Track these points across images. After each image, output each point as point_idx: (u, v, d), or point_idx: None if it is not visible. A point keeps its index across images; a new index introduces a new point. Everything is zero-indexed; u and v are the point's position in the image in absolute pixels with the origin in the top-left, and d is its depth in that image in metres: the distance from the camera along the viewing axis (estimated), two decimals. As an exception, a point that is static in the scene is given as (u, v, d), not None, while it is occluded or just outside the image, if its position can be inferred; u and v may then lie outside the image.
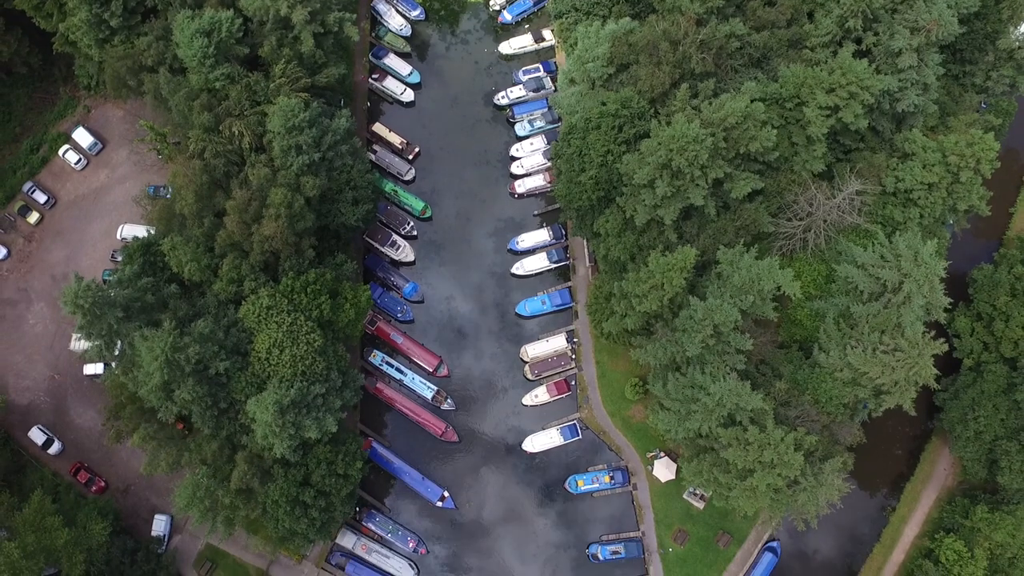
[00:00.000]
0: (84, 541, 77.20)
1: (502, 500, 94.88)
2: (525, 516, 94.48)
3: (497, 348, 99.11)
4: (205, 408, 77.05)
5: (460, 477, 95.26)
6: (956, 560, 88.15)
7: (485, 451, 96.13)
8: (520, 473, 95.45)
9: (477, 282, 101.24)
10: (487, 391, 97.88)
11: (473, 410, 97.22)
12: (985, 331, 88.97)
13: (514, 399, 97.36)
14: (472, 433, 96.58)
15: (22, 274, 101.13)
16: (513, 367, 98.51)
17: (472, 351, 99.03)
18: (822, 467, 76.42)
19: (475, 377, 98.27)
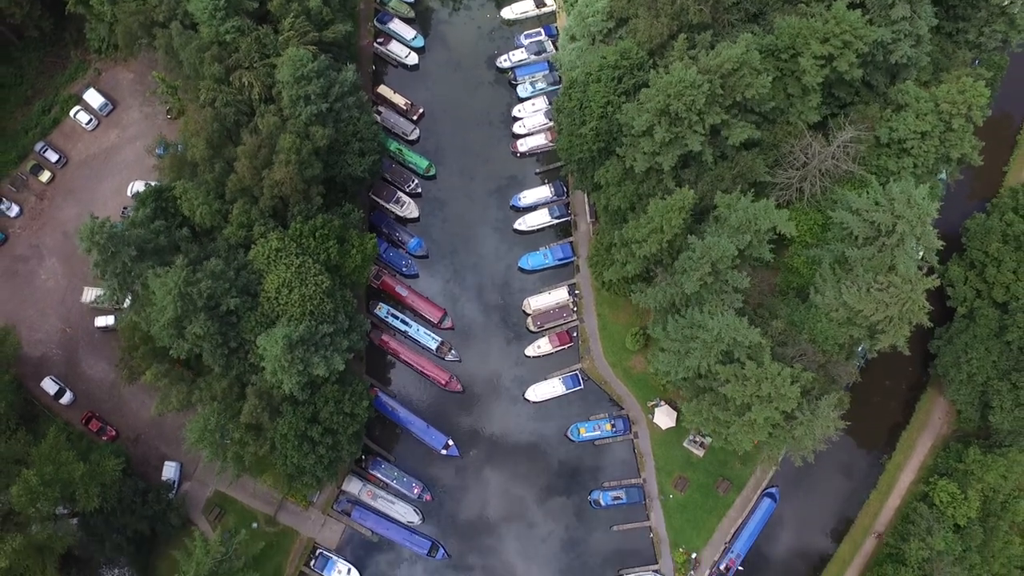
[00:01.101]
0: (98, 476, 78.99)
1: (505, 448, 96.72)
2: (528, 463, 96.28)
3: (500, 301, 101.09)
4: (215, 346, 79.03)
5: (464, 426, 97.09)
6: (950, 502, 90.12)
7: (489, 400, 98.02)
8: (523, 421, 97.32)
9: (480, 237, 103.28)
10: (490, 343, 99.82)
11: (477, 361, 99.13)
12: (978, 279, 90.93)
13: (517, 350, 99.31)
14: (476, 383, 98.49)
15: (34, 231, 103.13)
16: (516, 319, 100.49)
17: (476, 304, 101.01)
18: (818, 402, 78.25)
19: (479, 329, 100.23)
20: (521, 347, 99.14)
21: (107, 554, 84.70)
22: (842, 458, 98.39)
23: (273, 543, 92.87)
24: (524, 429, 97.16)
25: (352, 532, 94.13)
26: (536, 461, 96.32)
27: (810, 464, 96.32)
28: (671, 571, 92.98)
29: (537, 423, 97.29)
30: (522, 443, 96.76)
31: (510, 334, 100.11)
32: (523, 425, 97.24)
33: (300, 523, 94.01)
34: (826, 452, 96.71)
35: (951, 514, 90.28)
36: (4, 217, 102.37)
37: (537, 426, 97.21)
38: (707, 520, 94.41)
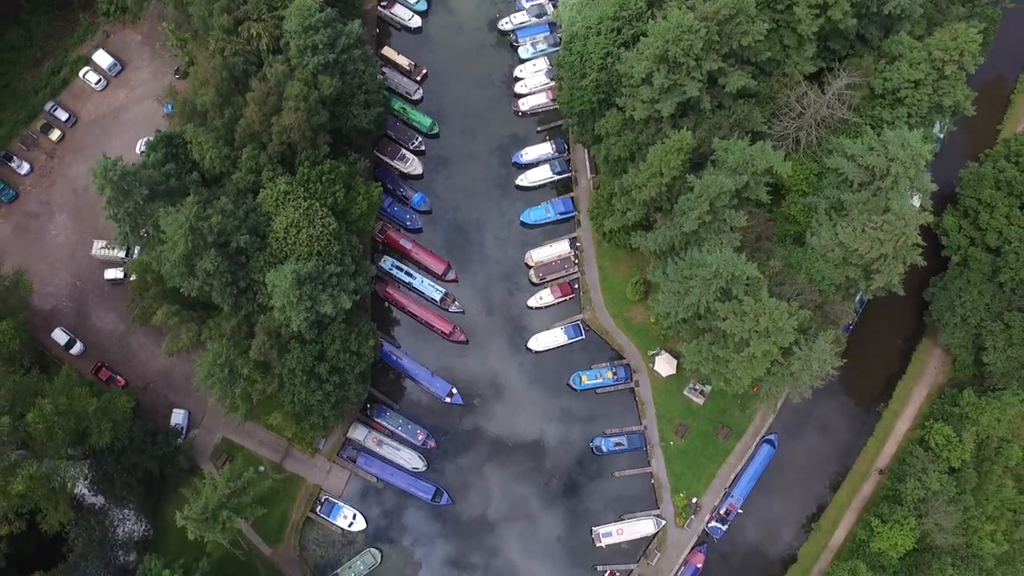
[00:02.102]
0: (110, 412, 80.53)
1: (509, 396, 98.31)
2: (531, 411, 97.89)
3: (503, 255, 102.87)
4: (225, 285, 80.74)
5: (467, 375, 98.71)
6: (945, 444, 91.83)
7: (492, 350, 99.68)
8: (526, 370, 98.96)
9: (483, 193, 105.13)
10: (493, 294, 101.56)
11: (480, 312, 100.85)
12: (971, 227, 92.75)
13: (519, 302, 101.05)
14: (479, 334, 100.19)
15: (44, 188, 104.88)
16: (518, 272, 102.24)
17: (479, 257, 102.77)
18: (815, 339, 79.93)
19: (482, 281, 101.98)
20: (523, 298, 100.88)
21: (117, 494, 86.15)
22: (839, 407, 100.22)
23: (279, 489, 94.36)
24: (527, 378, 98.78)
25: (357, 479, 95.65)
26: (538, 409, 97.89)
27: (808, 413, 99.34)
28: (672, 516, 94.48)
29: (539, 372, 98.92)
30: (525, 392, 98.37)
31: (512, 286, 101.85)
32: (526, 374, 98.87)
33: (306, 470, 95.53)
34: (824, 401, 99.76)
35: (946, 457, 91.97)
36: (15, 174, 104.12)
37: (539, 375, 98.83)
38: (707, 466, 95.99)
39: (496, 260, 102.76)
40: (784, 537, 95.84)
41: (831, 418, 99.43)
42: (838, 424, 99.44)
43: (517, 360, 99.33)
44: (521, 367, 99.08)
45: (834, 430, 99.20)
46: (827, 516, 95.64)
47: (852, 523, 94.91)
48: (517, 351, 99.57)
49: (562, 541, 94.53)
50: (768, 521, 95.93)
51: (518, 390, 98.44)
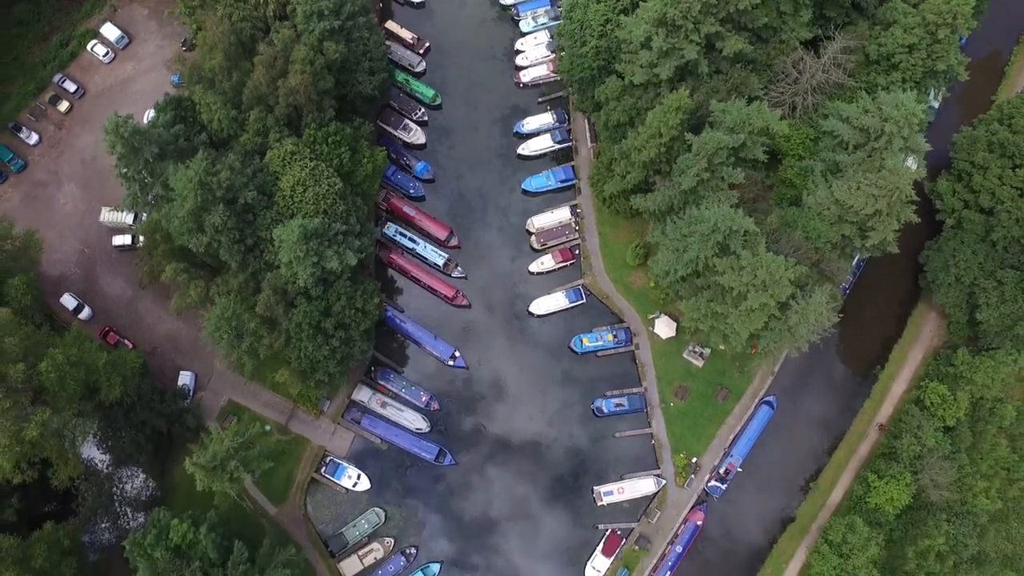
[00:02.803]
0: (120, 367, 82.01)
1: (511, 359, 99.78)
2: (533, 374, 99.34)
3: (505, 222, 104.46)
4: (233, 242, 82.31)
5: (470, 338, 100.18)
6: (940, 403, 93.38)
7: (494, 314, 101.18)
8: (528, 334, 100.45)
9: (485, 162, 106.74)
10: (495, 260, 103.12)
11: (482, 277, 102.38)
12: (965, 190, 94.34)
13: (521, 267, 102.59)
14: (481, 298, 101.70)
15: (53, 158, 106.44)
16: (520, 239, 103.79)
17: (481, 224, 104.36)
18: (812, 292, 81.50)
19: (484, 248, 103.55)
20: (525, 264, 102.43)
21: (126, 451, 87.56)
22: (837, 370, 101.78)
23: (285, 451, 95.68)
24: (528, 341, 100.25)
25: (362, 440, 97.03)
26: (540, 372, 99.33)
27: (806, 376, 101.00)
28: (672, 475, 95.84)
29: (541, 335, 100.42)
30: (526, 354, 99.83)
31: (514, 252, 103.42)
32: (527, 337, 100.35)
33: (311, 431, 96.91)
34: (821, 364, 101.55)
35: (941, 415, 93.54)
36: (24, 145, 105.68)
37: (541, 338, 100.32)
38: (707, 427, 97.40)
39: (498, 227, 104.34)
40: (783, 496, 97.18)
41: (828, 381, 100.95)
42: (835, 386, 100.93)
43: (519, 324, 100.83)
44: (523, 331, 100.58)
45: (831, 392, 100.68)
46: (825, 476, 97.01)
47: (849, 482, 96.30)
48: (519, 315, 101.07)
49: (564, 501, 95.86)
50: (767, 481, 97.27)
51: (520, 353, 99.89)
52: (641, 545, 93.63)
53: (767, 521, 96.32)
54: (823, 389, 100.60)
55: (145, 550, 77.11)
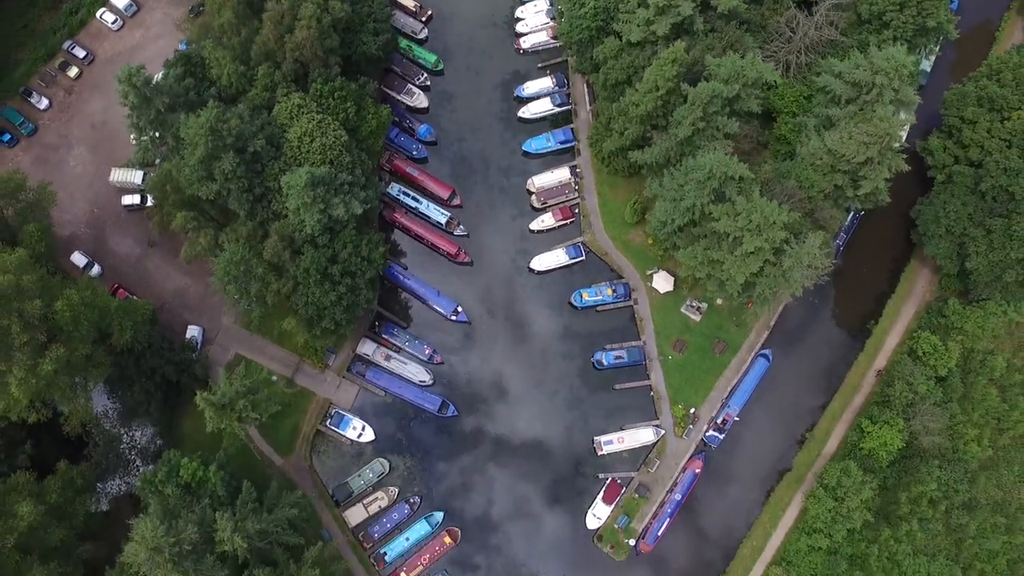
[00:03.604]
0: (131, 313, 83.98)
1: (512, 314, 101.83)
2: (534, 328, 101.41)
3: (506, 182, 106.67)
4: (242, 191, 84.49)
5: (472, 295, 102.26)
6: (932, 352, 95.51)
7: (496, 271, 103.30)
8: (529, 290, 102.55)
9: (486, 126, 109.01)
10: (497, 219, 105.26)
11: (484, 235, 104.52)
12: (955, 146, 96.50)
13: (522, 225, 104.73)
14: (483, 255, 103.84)
15: (63, 122, 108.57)
16: (521, 198, 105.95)
17: (482, 185, 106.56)
18: (805, 238, 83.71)
19: (485, 207, 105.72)
20: (526, 223, 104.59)
21: (136, 399, 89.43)
22: (831, 325, 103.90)
23: (291, 403, 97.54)
24: (529, 297, 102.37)
25: (366, 393, 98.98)
26: (541, 326, 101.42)
27: (802, 330, 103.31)
28: (671, 426, 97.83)
29: (541, 291, 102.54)
30: (527, 309, 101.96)
31: (515, 212, 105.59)
32: (528, 293, 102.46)
33: (316, 385, 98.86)
34: (816, 319, 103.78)
35: (933, 364, 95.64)
36: (35, 109, 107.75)
37: (542, 294, 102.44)
38: (704, 379, 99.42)
39: (499, 187, 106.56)
40: (779, 446, 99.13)
41: (823, 335, 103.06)
42: (830, 340, 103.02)
43: (520, 280, 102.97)
44: (524, 287, 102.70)
45: (826, 346, 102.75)
46: (820, 426, 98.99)
47: (844, 432, 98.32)
48: (520, 272, 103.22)
49: (564, 450, 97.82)
50: (763, 432, 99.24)
51: (521, 308, 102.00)
52: (641, 493, 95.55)
53: (764, 470, 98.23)
54: (818, 343, 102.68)
55: (156, 487, 79.03)
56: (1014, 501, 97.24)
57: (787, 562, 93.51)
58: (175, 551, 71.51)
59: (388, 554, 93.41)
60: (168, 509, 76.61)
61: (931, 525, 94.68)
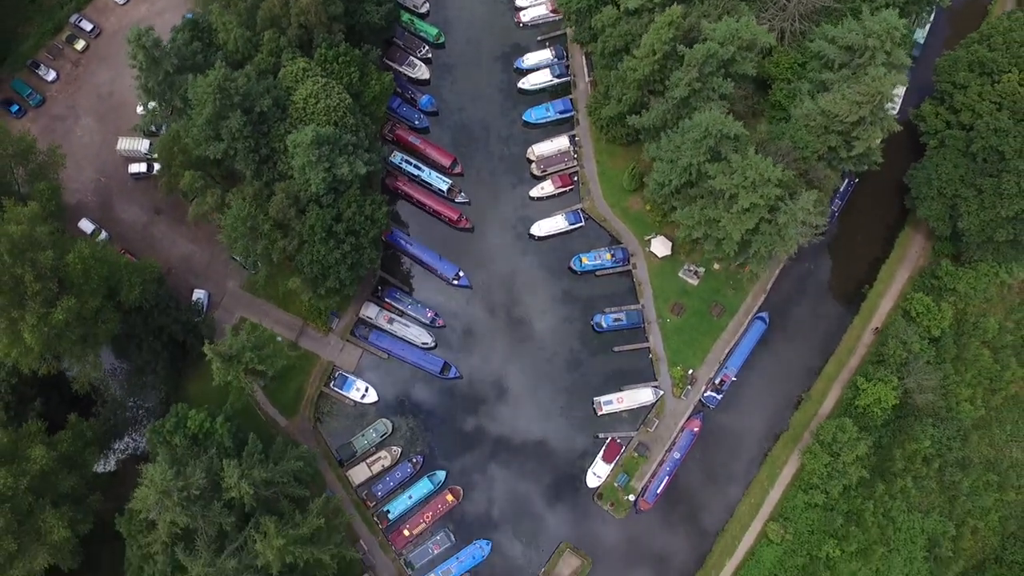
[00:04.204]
0: (140, 271, 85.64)
1: (513, 280, 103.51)
2: (534, 293, 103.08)
3: (506, 151, 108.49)
4: (248, 151, 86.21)
5: (474, 260, 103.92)
6: (925, 313, 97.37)
7: (497, 237, 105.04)
8: (529, 256, 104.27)
9: (487, 96, 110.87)
10: (497, 187, 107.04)
11: (485, 202, 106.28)
12: (947, 111, 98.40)
13: (522, 193, 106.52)
14: (484, 222, 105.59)
15: (70, 94, 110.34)
16: (521, 167, 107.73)
17: (483, 154, 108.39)
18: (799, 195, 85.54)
19: (486, 175, 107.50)
20: (526, 190, 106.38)
21: (144, 357, 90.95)
22: (826, 289, 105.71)
23: (295, 365, 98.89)
24: (530, 262, 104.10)
25: (369, 356, 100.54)
26: (541, 291, 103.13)
27: (797, 294, 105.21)
28: (670, 387, 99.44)
29: (542, 257, 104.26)
30: (528, 274, 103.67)
31: (515, 180, 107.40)
32: (529, 259, 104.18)
33: (320, 348, 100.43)
34: (811, 283, 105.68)
35: (926, 325, 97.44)
36: (42, 81, 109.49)
37: (542, 259, 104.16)
38: (702, 341, 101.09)
39: (500, 156, 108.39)
40: (776, 406, 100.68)
41: (819, 299, 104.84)
42: (825, 304, 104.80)
43: (520, 246, 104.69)
44: (524, 252, 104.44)
45: (822, 310, 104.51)
46: (816, 387, 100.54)
47: (840, 393, 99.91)
48: (520, 238, 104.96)
49: (565, 412, 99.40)
50: (761, 393, 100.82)
51: (522, 273, 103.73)
52: (640, 452, 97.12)
53: (761, 430, 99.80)
54: (813, 307, 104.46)
55: (164, 437, 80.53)
56: (1006, 459, 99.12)
57: (784, 518, 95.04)
58: (183, 495, 73.08)
59: (391, 512, 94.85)
60: (176, 458, 78.08)
61: (925, 482, 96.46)
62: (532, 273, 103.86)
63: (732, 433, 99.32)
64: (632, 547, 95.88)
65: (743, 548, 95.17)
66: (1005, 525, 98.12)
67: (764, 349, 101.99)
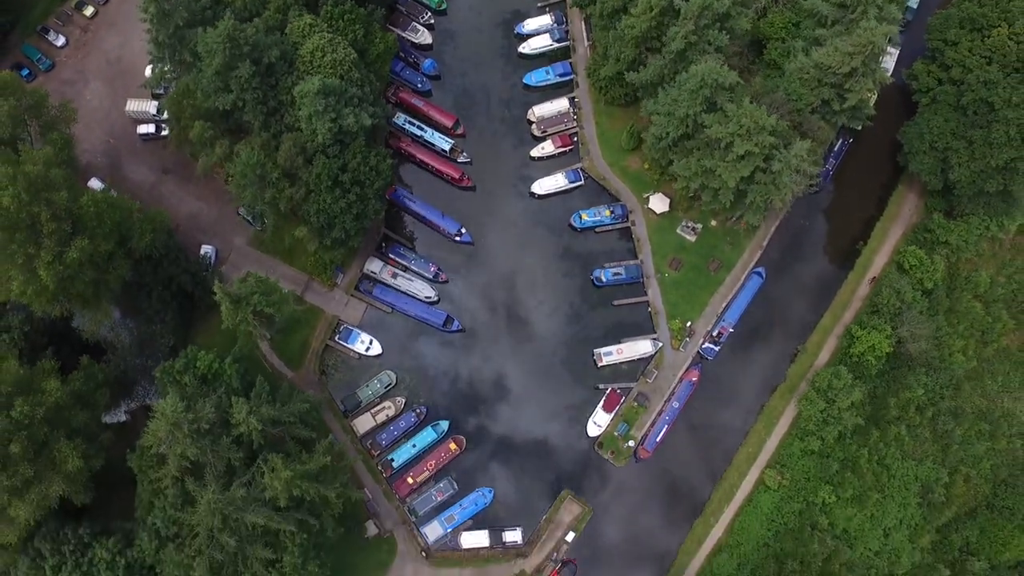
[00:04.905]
0: (150, 220, 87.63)
1: (514, 237, 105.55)
2: (535, 250, 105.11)
3: (507, 113, 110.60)
4: (257, 102, 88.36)
5: (476, 217, 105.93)
6: (918, 265, 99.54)
7: (498, 196, 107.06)
8: (530, 214, 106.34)
9: (488, 62, 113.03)
10: (499, 147, 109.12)
11: (486, 162, 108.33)
12: (938, 69, 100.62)
13: (523, 153, 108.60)
14: (486, 181, 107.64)
15: (79, 59, 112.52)
16: (522, 128, 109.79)
17: (484, 116, 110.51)
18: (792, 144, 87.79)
19: (488, 136, 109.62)
20: (526, 150, 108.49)
21: (153, 306, 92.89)
22: (821, 246, 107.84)
23: (300, 319, 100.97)
24: (531, 220, 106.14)
25: (374, 311, 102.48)
26: (542, 247, 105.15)
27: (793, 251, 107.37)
28: (668, 339, 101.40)
29: (543, 214, 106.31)
30: (529, 231, 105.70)
31: (516, 141, 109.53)
32: (529, 216, 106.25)
33: (325, 302, 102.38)
34: (806, 240, 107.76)
35: (919, 277, 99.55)
36: (52, 46, 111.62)
37: (542, 216, 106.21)
38: (700, 295, 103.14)
39: (501, 118, 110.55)
40: (773, 359, 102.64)
41: (814, 255, 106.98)
42: (821, 260, 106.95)
43: (521, 204, 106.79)
44: (525, 210, 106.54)
45: (817, 265, 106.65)
46: (812, 340, 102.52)
47: (835, 346, 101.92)
48: (521, 196, 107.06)
49: (566, 364, 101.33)
50: (758, 345, 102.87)
51: (523, 230, 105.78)
52: (640, 402, 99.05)
53: (758, 381, 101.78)
54: (809, 263, 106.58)
55: (174, 376, 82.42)
56: (998, 409, 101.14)
57: (781, 465, 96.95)
58: (193, 427, 74.95)
59: (395, 460, 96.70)
60: (185, 397, 79.90)
61: (919, 431, 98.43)
62: (534, 230, 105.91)
63: (730, 384, 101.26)
64: (632, 495, 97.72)
65: (741, 495, 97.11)
66: (996, 472, 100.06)
67: (761, 304, 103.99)
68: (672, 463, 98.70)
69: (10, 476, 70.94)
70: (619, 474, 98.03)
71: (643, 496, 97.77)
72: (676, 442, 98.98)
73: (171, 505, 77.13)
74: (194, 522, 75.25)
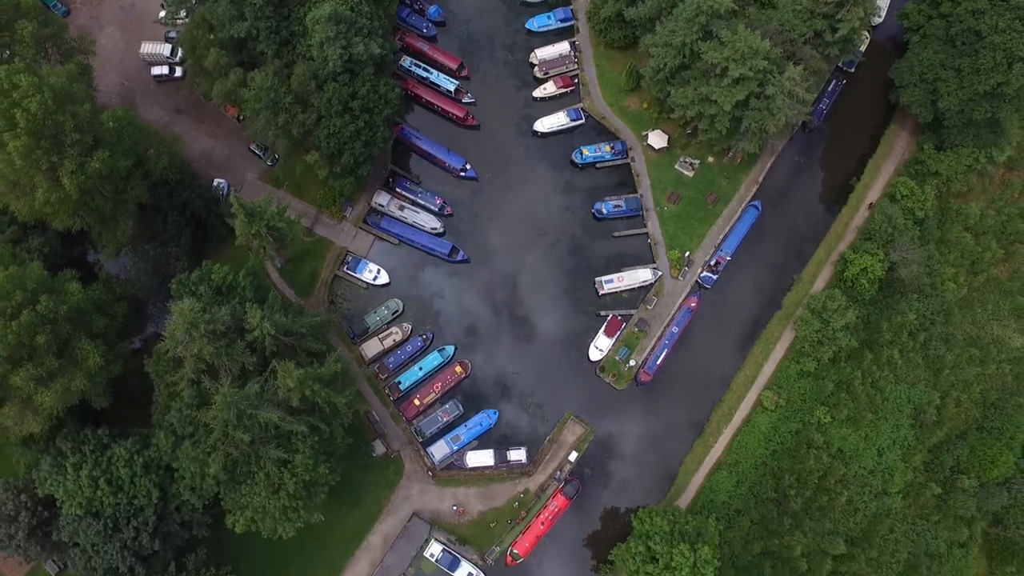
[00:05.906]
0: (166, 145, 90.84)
1: (517, 173, 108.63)
2: (538, 185, 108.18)
3: (510, 57, 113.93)
4: (270, 31, 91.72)
5: (480, 155, 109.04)
6: (909, 195, 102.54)
7: (502, 134, 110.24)
8: (533, 151, 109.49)
9: (491, 10, 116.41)
10: (502, 89, 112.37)
11: (490, 103, 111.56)
12: (928, 7, 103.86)
13: (525, 94, 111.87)
14: (489, 120, 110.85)
15: (94, 5, 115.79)
16: (524, 71, 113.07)
17: (488, 59, 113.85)
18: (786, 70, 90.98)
19: (491, 78, 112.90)
20: (529, 92, 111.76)
21: (169, 232, 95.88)
22: (816, 182, 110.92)
23: (310, 250, 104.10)
24: (533, 156, 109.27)
25: (381, 243, 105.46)
26: (544, 182, 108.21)
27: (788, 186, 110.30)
28: (667, 268, 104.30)
29: (545, 151, 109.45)
30: (531, 167, 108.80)
31: (519, 83, 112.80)
32: (532, 153, 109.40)
33: (334, 234, 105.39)
34: (801, 177, 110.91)
35: (910, 207, 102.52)
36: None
37: (545, 154, 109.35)
38: (698, 227, 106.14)
39: (504, 62, 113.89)
40: (769, 288, 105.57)
41: (809, 190, 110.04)
42: (815, 195, 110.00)
43: (524, 142, 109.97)
44: (528, 148, 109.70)
45: (812, 199, 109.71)
46: (808, 270, 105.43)
47: (830, 273, 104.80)
48: (524, 135, 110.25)
49: (568, 293, 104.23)
50: (755, 275, 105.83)
51: (525, 166, 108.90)
52: (640, 328, 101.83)
53: (756, 308, 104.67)
54: (804, 197, 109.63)
55: (190, 288, 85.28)
56: (987, 336, 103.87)
57: (778, 387, 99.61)
58: (210, 328, 77.76)
59: (402, 383, 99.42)
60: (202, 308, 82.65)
61: (911, 355, 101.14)
62: (535, 166, 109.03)
63: (728, 311, 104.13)
64: (633, 416, 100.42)
65: (740, 416, 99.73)
66: (986, 396, 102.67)
67: (758, 236, 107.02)
68: (672, 386, 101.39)
69: (36, 366, 73.73)
70: (620, 396, 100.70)
71: (643, 417, 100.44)
72: (676, 366, 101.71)
73: (187, 405, 79.80)
74: (209, 419, 77.86)
